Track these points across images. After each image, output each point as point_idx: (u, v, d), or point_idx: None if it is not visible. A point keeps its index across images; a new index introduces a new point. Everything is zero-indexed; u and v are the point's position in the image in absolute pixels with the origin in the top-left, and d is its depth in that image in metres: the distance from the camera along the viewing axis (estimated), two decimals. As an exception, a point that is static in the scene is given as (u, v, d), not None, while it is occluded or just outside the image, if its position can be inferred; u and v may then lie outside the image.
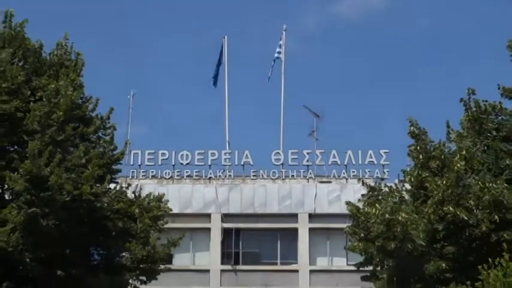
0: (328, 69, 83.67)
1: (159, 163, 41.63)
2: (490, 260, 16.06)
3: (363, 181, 25.84)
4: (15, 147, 19.88)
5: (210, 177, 41.73)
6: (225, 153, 42.41)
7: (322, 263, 40.73)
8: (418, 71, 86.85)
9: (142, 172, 39.55)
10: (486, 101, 22.46)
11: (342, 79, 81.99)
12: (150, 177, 39.06)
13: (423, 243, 20.11)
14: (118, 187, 21.38)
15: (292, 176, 41.92)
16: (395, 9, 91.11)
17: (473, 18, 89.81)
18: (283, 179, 41.92)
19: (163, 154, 41.75)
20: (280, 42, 46.14)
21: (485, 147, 21.37)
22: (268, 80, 46.68)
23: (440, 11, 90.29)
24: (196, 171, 41.92)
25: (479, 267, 16.13)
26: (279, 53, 45.68)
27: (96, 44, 79.84)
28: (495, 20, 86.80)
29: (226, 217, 40.94)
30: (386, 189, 23.70)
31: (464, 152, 20.99)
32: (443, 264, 19.77)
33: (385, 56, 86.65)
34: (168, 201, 23.49)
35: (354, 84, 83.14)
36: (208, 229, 40.72)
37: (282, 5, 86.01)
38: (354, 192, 26.29)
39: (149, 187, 23.88)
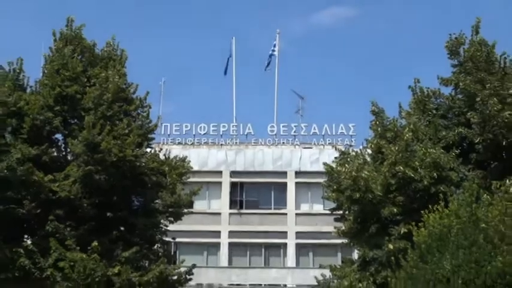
0: (310, 63, 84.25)
1: (183, 133, 42.11)
2: (430, 206, 16.27)
3: (336, 147, 26.05)
4: (75, 120, 20.07)
5: (221, 144, 42.26)
6: (233, 126, 42.95)
7: (304, 208, 41.40)
8: (379, 64, 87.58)
9: (170, 140, 39.97)
10: (428, 88, 22.60)
11: (321, 70, 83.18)
12: (176, 143, 39.44)
13: (380, 194, 20.27)
14: (152, 151, 21.68)
15: (283, 143, 42.46)
16: (361, 17, 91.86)
17: (423, 22, 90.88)
18: (276, 145, 42.41)
19: (186, 126, 42.27)
20: (275, 42, 46.23)
21: (427, 122, 21.44)
22: (265, 69, 46.71)
23: (397, 17, 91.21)
24: (211, 139, 42.41)
25: (422, 212, 16.36)
26: (274, 50, 45.87)
27: (138, 37, 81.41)
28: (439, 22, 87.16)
29: (233, 174, 41.60)
30: (353, 153, 23.44)
31: (411, 126, 21.09)
32: (395, 210, 19.79)
33: (355, 53, 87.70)
34: (189, 161, 23.48)
35: (331, 74, 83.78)
36: (220, 183, 41.34)
37: (276, 15, 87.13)
38: (329, 155, 26.41)
39: (175, 151, 24.00)
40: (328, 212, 27.92)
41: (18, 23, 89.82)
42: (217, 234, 40.91)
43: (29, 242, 18.99)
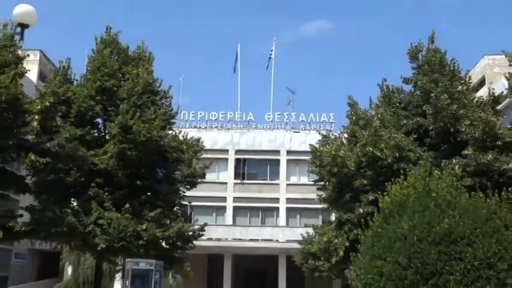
0: (299, 64, 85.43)
1: (198, 119, 42.11)
2: (392, 179, 15.93)
3: (319, 132, 26.23)
4: (112, 108, 20.10)
5: (228, 128, 42.21)
6: (237, 113, 42.83)
7: (294, 179, 41.43)
8: (353, 65, 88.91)
9: (188, 124, 39.73)
10: (393, 85, 22.63)
11: (308, 70, 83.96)
12: (192, 127, 39.19)
13: (353, 169, 20.41)
14: (173, 133, 21.66)
15: (277, 128, 42.41)
16: (338, 28, 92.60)
17: (388, 33, 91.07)
18: (271, 130, 42.41)
19: (200, 113, 42.36)
20: (272, 47, 45.94)
21: (392, 113, 21.41)
22: (266, 69, 46.47)
23: (367, 29, 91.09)
24: (220, 124, 42.38)
25: (386, 184, 16.04)
26: (271, 54, 45.67)
27: (163, 43, 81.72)
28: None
29: (237, 152, 41.70)
30: (333, 136, 23.61)
31: (379, 116, 21.27)
32: (365, 182, 19.97)
33: (334, 56, 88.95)
34: (203, 141, 23.71)
35: (316, 74, 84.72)
36: (227, 159, 41.38)
37: (272, 26, 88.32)
38: (314, 138, 26.38)
39: (191, 133, 23.89)
40: (312, 183, 28.23)
41: (68, 31, 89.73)
42: (224, 199, 41.04)
43: (75, 203, 19.07)
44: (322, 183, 24.10)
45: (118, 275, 25.41)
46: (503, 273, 11.22)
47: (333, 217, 27.17)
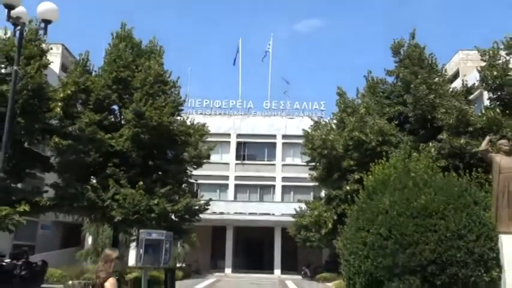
0: (294, 58, 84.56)
1: (203, 106, 42.02)
2: (376, 160, 16.23)
3: (311, 118, 26.55)
4: (127, 96, 20.02)
5: (230, 114, 42.12)
6: (239, 101, 42.73)
7: (288, 161, 41.41)
8: (341, 59, 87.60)
9: (194, 111, 39.43)
10: (377, 77, 22.80)
11: (301, 63, 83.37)
12: (198, 113, 38.80)
13: (341, 151, 20.64)
14: (181, 118, 21.58)
15: (274, 114, 42.31)
16: (328, 26, 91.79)
17: (373, 30, 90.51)
18: (269, 116, 42.28)
19: (205, 101, 42.29)
20: (270, 42, 45.84)
21: (376, 102, 21.43)
22: (262, 60, 46.22)
23: (354, 27, 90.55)
24: (223, 111, 42.31)
25: (370, 164, 16.31)
26: (268, 48, 45.52)
27: (173, 39, 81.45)
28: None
29: (238, 136, 41.63)
30: (323, 122, 24.00)
31: (365, 104, 21.39)
32: (351, 162, 20.27)
33: (324, 51, 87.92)
34: (208, 126, 23.49)
35: (308, 66, 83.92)
36: (229, 142, 41.33)
37: (270, 23, 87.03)
38: (306, 124, 26.76)
39: (197, 119, 23.84)
40: (304, 163, 28.50)
41: (87, 26, 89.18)
42: (226, 177, 41.11)
43: (94, 181, 19.09)
44: (314, 163, 24.32)
45: (133, 244, 25.54)
46: (472, 243, 11.32)
47: (322, 194, 27.30)
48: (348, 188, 19.68)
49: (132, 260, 30.79)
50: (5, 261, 18.38)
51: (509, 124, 17.36)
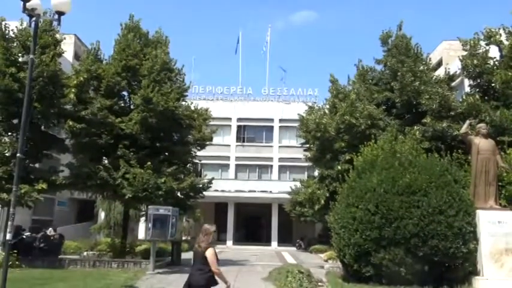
0: (290, 47, 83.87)
1: (206, 92, 41.83)
2: (365, 143, 16.56)
3: (306, 103, 26.26)
4: (136, 83, 19.75)
5: (231, 100, 41.93)
6: (239, 88, 42.56)
7: (285, 143, 41.34)
8: (334, 48, 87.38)
9: (198, 96, 39.09)
10: (367, 65, 22.49)
11: (297, 52, 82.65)
12: (202, 99, 38.56)
13: (333, 134, 20.38)
14: (186, 104, 21.30)
15: (271, 100, 42.18)
16: (322, 18, 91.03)
17: (363, 21, 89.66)
18: (267, 102, 42.15)
19: (208, 88, 42.15)
20: (268, 33, 45.66)
21: (366, 88, 21.18)
22: (262, 51, 46.29)
23: (346, 18, 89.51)
24: (224, 96, 42.14)
25: (360, 146, 16.59)
26: (267, 38, 45.45)
27: (177, 29, 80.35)
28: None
29: (239, 119, 41.57)
30: (317, 107, 23.74)
31: (355, 90, 21.16)
32: (342, 144, 20.07)
33: (318, 41, 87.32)
34: (210, 111, 23.24)
35: (303, 55, 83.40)
36: (230, 125, 41.29)
37: (267, 16, 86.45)
38: (302, 109, 26.65)
39: (201, 104, 23.70)
40: (299, 145, 28.42)
41: (97, 17, 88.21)
42: (227, 158, 41.16)
43: (106, 161, 19.09)
44: (308, 145, 24.14)
45: (142, 219, 25.69)
46: (451, 218, 11.44)
47: (316, 173, 27.30)
48: (339, 167, 19.63)
49: (141, 233, 31.03)
50: (25, 234, 18.54)
51: (487, 109, 17.34)
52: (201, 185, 21.07)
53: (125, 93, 20.44)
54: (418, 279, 11.23)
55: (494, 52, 19.00)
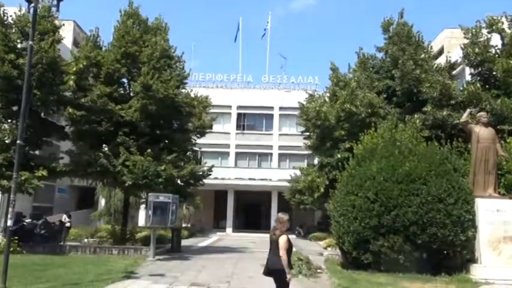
0: (290, 34, 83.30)
1: (206, 79, 41.66)
2: (365, 131, 16.56)
3: (306, 91, 26.35)
4: (135, 70, 19.54)
5: (231, 87, 41.78)
6: (239, 75, 42.38)
7: (285, 131, 41.24)
8: (333, 36, 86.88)
9: (198, 84, 38.95)
10: (368, 53, 22.40)
11: (297, 39, 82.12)
12: (202, 86, 38.38)
13: (333, 122, 20.50)
14: (186, 91, 21.13)
15: (272, 88, 42.06)
16: (320, 5, 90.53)
17: (363, 9, 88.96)
18: (267, 89, 42.04)
19: (208, 75, 41.95)
20: (268, 20, 45.24)
21: (366, 76, 21.09)
22: (261, 38, 46.08)
23: (345, 5, 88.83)
24: (224, 84, 41.98)
25: (360, 134, 16.58)
26: (267, 25, 45.02)
27: (179, 15, 79.36)
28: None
29: (239, 107, 41.43)
30: (317, 95, 23.75)
31: (356, 78, 21.06)
32: (343, 132, 20.18)
33: (317, 27, 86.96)
34: (210, 98, 23.22)
35: (303, 42, 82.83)
36: (230, 113, 41.20)
37: (268, 3, 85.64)
38: (302, 97, 26.59)
39: (201, 91, 23.74)
40: (299, 133, 28.48)
41: (96, 3, 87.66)
42: (227, 146, 41.17)
43: (106, 148, 19.04)
44: (308, 133, 24.21)
45: (142, 206, 25.78)
46: (450, 206, 11.50)
47: (316, 161, 27.41)
48: (339, 155, 19.69)
49: (141, 220, 31.20)
50: (26, 221, 18.62)
51: (488, 98, 17.31)
52: (200, 173, 21.07)
53: (124, 80, 20.32)
54: (417, 267, 11.33)
55: (496, 40, 18.90)
